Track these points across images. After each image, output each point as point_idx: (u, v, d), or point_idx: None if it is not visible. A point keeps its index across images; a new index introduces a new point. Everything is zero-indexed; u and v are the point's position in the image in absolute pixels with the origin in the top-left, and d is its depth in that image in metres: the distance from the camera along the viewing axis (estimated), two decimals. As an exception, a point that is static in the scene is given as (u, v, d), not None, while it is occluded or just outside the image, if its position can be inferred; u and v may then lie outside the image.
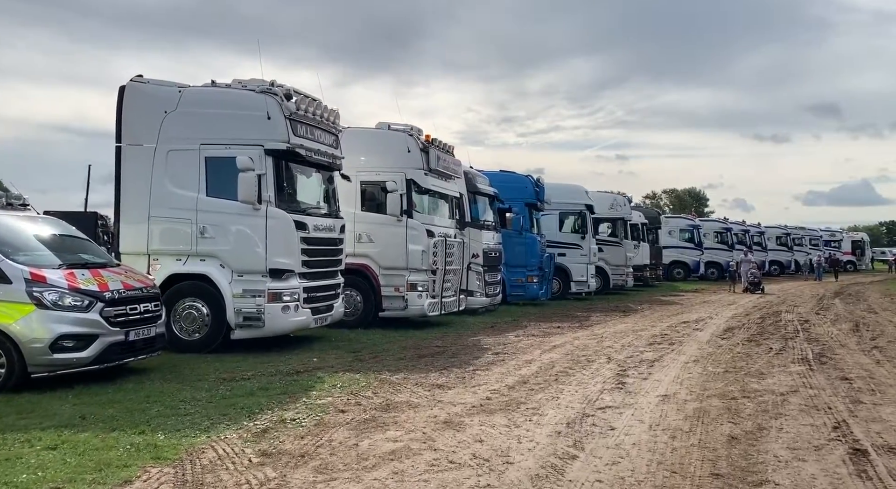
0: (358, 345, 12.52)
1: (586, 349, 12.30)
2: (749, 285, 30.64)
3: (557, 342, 13.22)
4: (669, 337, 14.22)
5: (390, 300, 14.81)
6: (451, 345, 12.65)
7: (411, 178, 14.88)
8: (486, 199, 20.25)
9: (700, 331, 15.39)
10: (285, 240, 11.27)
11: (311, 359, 10.84)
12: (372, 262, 14.87)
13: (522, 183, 22.70)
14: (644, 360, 11.02)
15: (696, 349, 12.46)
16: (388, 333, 14.08)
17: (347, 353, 11.48)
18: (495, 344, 12.87)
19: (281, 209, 11.25)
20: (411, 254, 14.68)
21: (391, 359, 10.90)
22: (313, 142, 11.99)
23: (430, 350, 11.97)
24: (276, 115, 11.24)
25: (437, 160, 15.36)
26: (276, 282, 11.16)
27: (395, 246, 14.75)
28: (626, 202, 30.09)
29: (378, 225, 14.87)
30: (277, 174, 11.34)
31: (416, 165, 14.99)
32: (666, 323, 17.28)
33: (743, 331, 15.36)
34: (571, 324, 16.93)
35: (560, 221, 26.00)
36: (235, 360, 10.51)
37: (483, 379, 9.31)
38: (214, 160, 11.28)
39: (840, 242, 62.88)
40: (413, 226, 14.75)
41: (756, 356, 11.56)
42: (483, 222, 19.39)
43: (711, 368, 10.29)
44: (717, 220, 46.16)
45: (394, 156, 15.02)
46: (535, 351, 11.99)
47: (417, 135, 15.16)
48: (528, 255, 22.05)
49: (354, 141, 15.18)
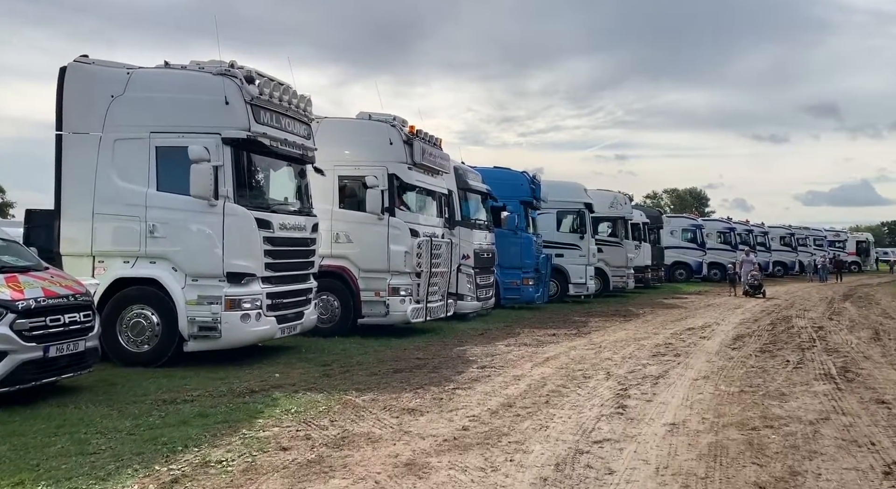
0: (330, 356, 11.30)
1: (583, 362, 11.07)
2: (749, 288, 28.64)
3: (551, 353, 12.00)
4: (674, 347, 12.99)
5: (370, 305, 13.60)
6: (433, 356, 11.42)
7: (394, 173, 13.65)
8: (478, 197, 19.03)
9: (707, 340, 14.16)
10: (245, 240, 10.06)
11: (273, 374, 9.62)
12: (350, 264, 13.66)
13: (517, 180, 21.48)
14: (647, 376, 9.80)
15: (704, 362, 11.23)
16: (367, 342, 12.86)
17: (315, 367, 10.26)
18: (483, 355, 11.65)
19: (241, 205, 10.03)
20: (393, 256, 13.46)
21: (363, 375, 9.68)
22: (280, 130, 10.78)
23: (408, 363, 10.74)
24: (235, 99, 10.02)
25: (423, 153, 14.13)
26: (234, 287, 9.93)
27: (376, 246, 13.53)
28: (626, 200, 28.89)
29: (357, 223, 13.66)
30: (237, 166, 10.11)
31: (399, 159, 13.77)
32: (670, 330, 16.05)
33: (754, 340, 14.13)
34: (568, 330, 15.70)
35: (558, 220, 24.79)
36: (185, 376, 9.29)
37: (463, 400, 8.09)
38: (166, 150, 10.06)
39: (844, 243, 61.72)
40: (395, 224, 13.53)
41: (773, 371, 10.33)
42: (474, 221, 18.17)
43: (724, 387, 9.06)
44: (721, 220, 44.91)
45: (375, 148, 13.80)
46: (525, 364, 10.76)
47: (401, 126, 13.94)
48: (523, 256, 20.84)
49: (332, 132, 14.01)
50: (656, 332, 15.47)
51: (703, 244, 39.76)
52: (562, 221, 24.96)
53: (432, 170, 14.88)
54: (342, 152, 13.84)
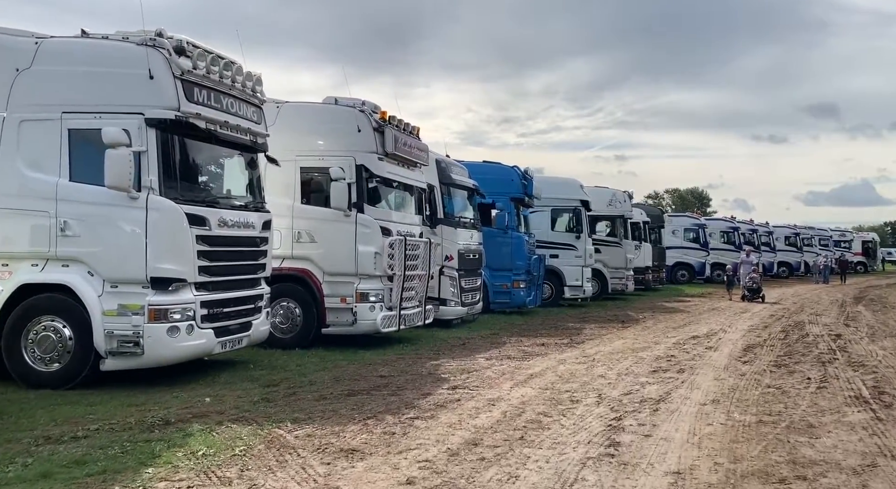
0: (281, 373, 9.80)
1: (572, 380, 9.57)
2: (746, 292, 26.10)
3: (537, 369, 10.49)
4: (677, 360, 11.48)
5: (336, 313, 12.09)
6: (400, 373, 9.92)
7: (362, 164, 12.15)
8: (463, 193, 17.54)
9: (714, 351, 12.66)
10: (173, 239, 8.56)
11: (203, 398, 8.12)
12: (314, 267, 12.16)
13: (508, 175, 19.98)
14: (646, 400, 8.29)
15: (712, 380, 9.73)
16: (329, 356, 11.36)
17: (258, 389, 8.76)
18: (457, 371, 10.14)
19: (169, 198, 8.53)
20: (361, 257, 11.96)
21: (310, 399, 8.17)
22: (220, 112, 9.28)
23: (369, 382, 9.24)
24: (162, 73, 8.52)
25: (396, 142, 12.62)
26: (160, 294, 8.43)
27: (342, 246, 12.03)
28: (626, 198, 27.34)
29: (321, 221, 12.15)
30: (164, 152, 8.59)
31: (368, 148, 12.25)
32: (672, 338, 14.54)
33: (766, 351, 12.62)
34: (559, 339, 14.19)
35: (552, 219, 23.28)
36: (95, 402, 7.81)
37: (419, 436, 6.58)
38: (80, 133, 8.56)
39: (850, 243, 60.11)
40: (364, 222, 12.02)
41: (793, 392, 8.83)
42: (458, 219, 16.66)
43: (738, 415, 7.56)
44: (724, 219, 43.35)
45: (341, 136, 12.29)
46: (504, 383, 9.26)
47: (371, 111, 12.43)
48: (513, 257, 19.35)
49: (293, 119, 12.55)
50: (657, 342, 13.96)
51: (706, 244, 38.20)
52: (556, 220, 23.44)
53: (408, 161, 13.37)
54: (304, 141, 12.34)
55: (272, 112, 12.40)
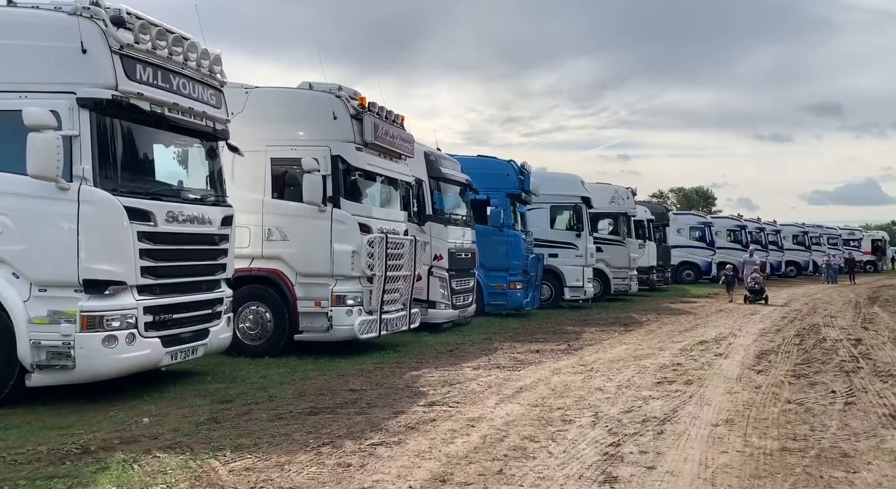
0: (240, 387, 8.76)
1: (566, 394, 8.50)
2: (749, 294, 24.47)
3: (528, 380, 9.43)
4: (684, 370, 10.41)
5: (309, 318, 11.04)
6: (373, 387, 8.86)
7: (338, 154, 11.10)
8: (455, 188, 16.48)
9: (724, 359, 11.57)
10: (110, 235, 7.53)
11: (142, 418, 7.09)
12: (286, 267, 11.12)
13: (503, 169, 18.90)
14: (649, 420, 7.22)
15: (724, 393, 8.66)
16: (300, 365, 10.32)
17: (209, 406, 7.72)
18: (439, 384, 9.08)
19: (106, 190, 7.49)
20: (337, 257, 10.92)
21: (264, 419, 7.13)
22: (169, 93, 8.24)
23: (336, 398, 8.18)
24: (97, 47, 7.49)
25: (376, 131, 11.55)
26: (95, 299, 7.39)
27: (316, 245, 11.00)
28: (629, 195, 26.23)
29: (294, 217, 11.12)
30: (101, 137, 7.54)
31: (344, 137, 11.20)
32: (678, 343, 13.46)
33: (782, 359, 11.53)
34: (556, 345, 13.12)
35: (551, 216, 22.23)
36: (13, 424, 6.79)
37: (378, 470, 5.53)
38: (4, 116, 7.50)
39: (860, 241, 58.88)
40: (340, 218, 10.98)
41: (818, 409, 7.75)
42: (449, 216, 15.60)
43: (757, 440, 6.48)
44: (731, 218, 42.18)
45: (315, 124, 11.26)
46: (490, 399, 8.19)
47: (348, 97, 11.38)
48: (510, 257, 18.29)
49: (264, 105, 11.55)
50: (661, 347, 12.88)
51: (713, 243, 37.02)
52: (556, 217, 22.39)
53: (391, 152, 12.31)
54: (275, 129, 11.31)
55: (240, 98, 11.42)
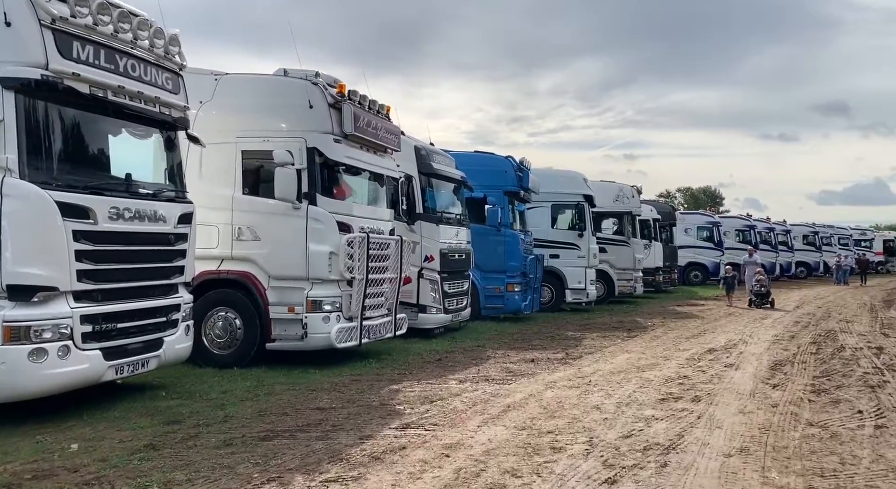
0: (195, 404, 7.86)
1: (559, 413, 7.58)
2: (754, 297, 22.99)
3: (518, 395, 8.51)
4: (691, 383, 9.47)
5: (283, 325, 10.14)
6: (345, 404, 7.95)
7: (314, 146, 10.18)
8: (449, 185, 15.57)
9: (735, 370, 10.62)
10: (38, 235, 6.65)
11: (71, 444, 6.20)
12: (257, 270, 10.22)
13: (500, 166, 17.97)
14: (651, 447, 6.29)
15: (736, 413, 7.72)
16: (269, 378, 9.42)
17: (153, 427, 6.82)
18: (418, 400, 8.17)
19: (35, 183, 6.61)
20: (313, 258, 10.02)
21: (210, 446, 6.23)
22: (114, 74, 7.35)
23: (299, 418, 7.27)
24: (23, 19, 6.61)
25: (357, 122, 10.63)
26: (21, 307, 6.51)
27: (290, 245, 10.10)
28: (634, 193, 25.23)
29: (266, 215, 10.22)
30: (29, 123, 6.67)
31: (321, 127, 10.29)
32: (685, 352, 12.51)
33: (799, 371, 10.58)
34: (553, 353, 12.20)
35: (552, 215, 21.25)
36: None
37: (326, 515, 4.62)
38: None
39: (871, 242, 57.62)
40: (316, 216, 10.07)
41: (846, 434, 6.80)
42: (441, 214, 14.68)
43: (778, 475, 5.54)
44: (739, 217, 41.10)
45: (289, 113, 10.34)
46: (472, 420, 7.27)
47: (326, 85, 10.46)
48: (507, 257, 17.37)
49: (234, 93, 10.68)
50: (667, 356, 11.94)
51: (721, 243, 35.92)
52: (557, 217, 21.41)
53: (374, 145, 11.38)
54: (246, 119, 10.41)
55: (208, 85, 10.56)
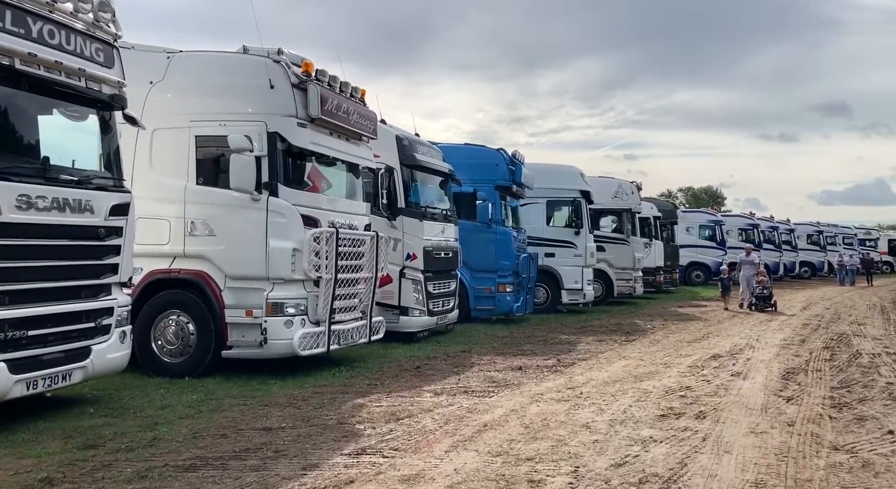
0: (125, 423, 6.84)
1: (542, 434, 6.55)
2: (755, 300, 21.16)
3: (498, 411, 7.47)
4: (695, 395, 8.44)
5: (240, 330, 9.11)
6: (296, 423, 6.92)
7: (276, 131, 9.16)
8: (435, 179, 14.57)
9: (743, 379, 9.60)
10: (-78, 226, 5.63)
11: (-45, 474, 5.19)
12: (212, 268, 9.20)
13: (492, 159, 16.95)
14: (648, 479, 5.26)
15: (747, 433, 6.69)
16: (220, 390, 8.41)
17: (63, 454, 5.80)
18: (383, 418, 7.14)
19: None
20: (274, 255, 9.00)
21: (119, 479, 5.21)
22: (25, 40, 6.34)
23: (239, 441, 6.24)
24: None
25: (325, 104, 9.59)
26: None
27: (249, 241, 9.09)
28: (633, 190, 24.20)
29: (222, 207, 9.21)
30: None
31: (284, 110, 9.26)
32: (686, 358, 11.48)
33: (814, 380, 9.54)
34: (544, 359, 11.18)
35: (548, 212, 20.26)
36: None
37: None
38: None
39: (876, 241, 56.59)
40: (277, 208, 9.06)
41: (878, 461, 5.76)
42: (425, 209, 13.66)
43: (804, 520, 4.51)
44: (743, 216, 40.01)
45: (247, 94, 9.32)
46: (441, 442, 6.24)
47: (289, 63, 9.43)
48: (498, 256, 16.38)
49: (188, 72, 9.68)
50: (668, 363, 10.91)
51: (724, 242, 34.83)
52: (553, 213, 20.41)
53: (346, 131, 10.35)
54: (201, 102, 9.40)
55: (160, 64, 9.57)
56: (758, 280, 21.41)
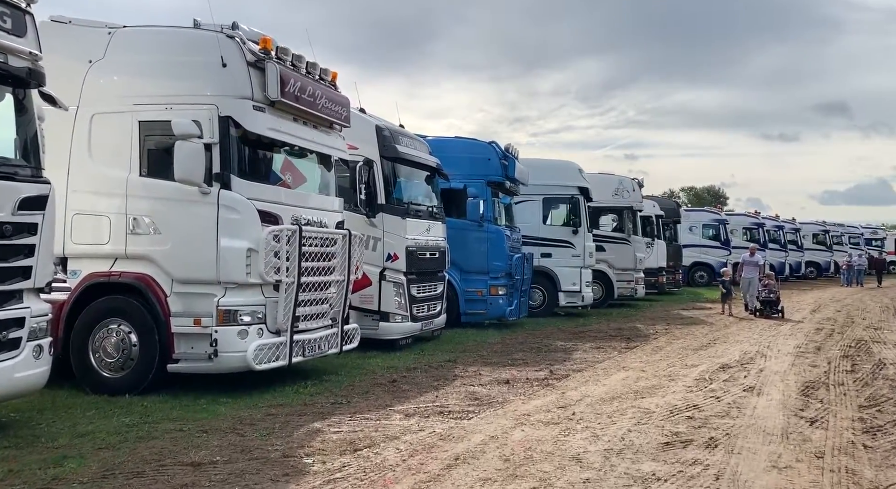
0: (30, 456, 5.77)
1: (522, 471, 5.47)
2: (760, 305, 19.23)
3: (476, 438, 6.39)
4: (704, 417, 7.36)
5: (188, 341, 8.03)
6: (233, 455, 5.84)
7: (228, 115, 8.08)
8: (420, 173, 13.50)
9: (758, 396, 8.52)
10: None
11: None
12: (158, 271, 8.13)
13: (483, 152, 15.88)
14: (654, 540, 4.19)
15: (768, 468, 5.61)
16: (161, 410, 7.34)
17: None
18: (338, 448, 6.05)
19: None
20: (226, 256, 7.94)
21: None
22: None
23: (158, 481, 5.17)
24: None
25: (286, 86, 8.49)
26: None
27: (198, 240, 8.02)
28: (635, 187, 23.11)
29: (168, 202, 8.14)
30: None
31: (238, 91, 8.18)
32: (693, 368, 10.41)
33: (838, 397, 8.46)
34: (535, 370, 10.11)
35: (544, 210, 19.18)
36: None
37: None
38: None
39: (883, 241, 55.44)
40: (231, 202, 7.99)
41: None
42: (409, 206, 12.58)
43: None
44: (747, 214, 38.87)
45: (196, 74, 8.25)
46: (400, 484, 5.16)
47: (245, 39, 8.35)
48: (490, 256, 15.31)
49: (132, 49, 8.64)
50: (671, 375, 9.84)
51: (728, 242, 33.69)
52: (550, 211, 19.34)
53: (313, 117, 9.27)
54: (145, 83, 8.33)
55: (100, 40, 8.53)
56: (764, 283, 19.59)
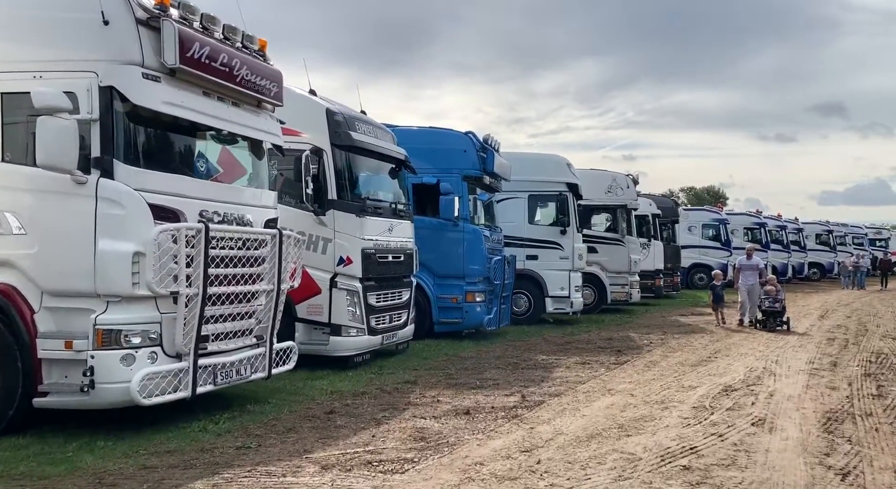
0: None
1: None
2: (763, 316, 16.58)
3: (400, 508, 4.79)
4: (704, 465, 5.74)
5: (59, 369, 6.41)
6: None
7: (111, 85, 6.46)
8: (382, 165, 11.91)
9: (769, 432, 6.92)
10: None
11: None
12: (22, 280, 6.52)
13: (458, 144, 14.30)
14: None
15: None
16: (7, 461, 5.72)
17: None
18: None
19: None
20: (104, 261, 6.33)
21: None
22: None
23: None
24: None
25: (188, 50, 6.84)
26: None
27: (71, 241, 6.41)
28: (629, 184, 21.50)
29: (34, 194, 6.52)
30: None
31: (123, 56, 6.55)
32: (691, 392, 8.81)
33: (869, 433, 6.85)
34: (504, 395, 8.50)
35: (529, 208, 17.60)
36: None
37: None
38: None
39: (887, 241, 53.86)
40: (112, 194, 6.39)
41: None
42: (366, 201, 10.95)
43: None
44: (749, 214, 37.25)
45: (72, 34, 6.61)
46: None
47: (136, -7, 6.72)
48: (466, 259, 13.75)
49: None
50: (665, 402, 8.23)
51: (729, 242, 32.04)
52: (535, 209, 17.77)
53: (231, 92, 7.62)
54: (10, 47, 6.71)
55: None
56: (765, 290, 16.67)
